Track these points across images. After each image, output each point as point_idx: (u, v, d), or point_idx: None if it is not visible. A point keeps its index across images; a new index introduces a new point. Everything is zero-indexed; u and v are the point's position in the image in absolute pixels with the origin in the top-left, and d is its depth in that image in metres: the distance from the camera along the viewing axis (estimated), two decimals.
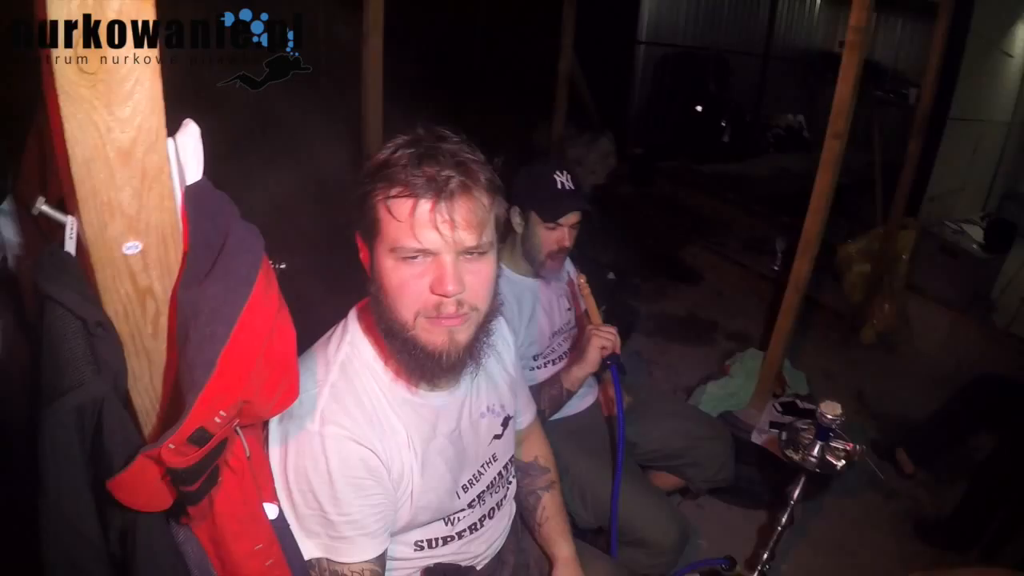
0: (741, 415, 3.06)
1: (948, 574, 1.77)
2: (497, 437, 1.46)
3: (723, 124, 7.52)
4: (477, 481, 1.42)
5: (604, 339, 1.92)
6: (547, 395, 2.01)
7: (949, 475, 3.17)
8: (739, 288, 5.13)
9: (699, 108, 7.26)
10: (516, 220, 2.10)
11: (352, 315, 1.28)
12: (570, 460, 2.11)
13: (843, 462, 1.76)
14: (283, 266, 0.99)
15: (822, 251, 2.83)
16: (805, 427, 1.86)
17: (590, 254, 4.26)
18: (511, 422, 1.51)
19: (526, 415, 1.67)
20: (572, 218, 2.06)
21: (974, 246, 4.59)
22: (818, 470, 1.76)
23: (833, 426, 1.72)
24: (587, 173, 5.22)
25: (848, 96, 2.45)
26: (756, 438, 2.89)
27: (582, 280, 2.07)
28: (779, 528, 1.93)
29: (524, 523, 1.69)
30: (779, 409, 3.05)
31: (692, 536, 2.60)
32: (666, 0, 7.78)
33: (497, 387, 1.48)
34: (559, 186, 2.04)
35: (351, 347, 1.23)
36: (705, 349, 4.20)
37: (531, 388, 2.00)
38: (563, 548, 1.62)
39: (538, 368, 2.17)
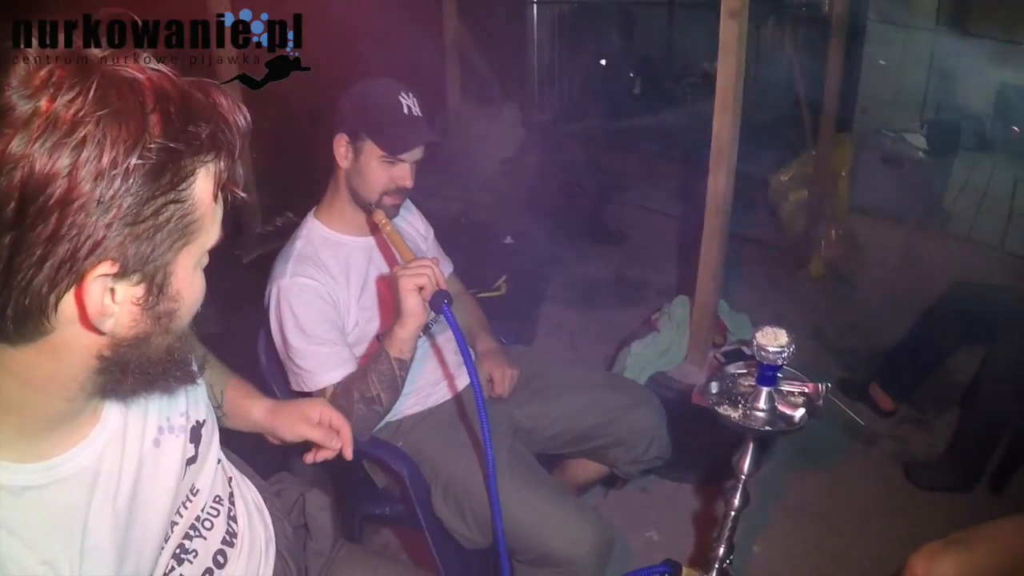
0: (676, 374, 2.54)
1: (981, 532, 1.23)
2: (192, 461, 0.90)
3: (632, 76, 7.04)
4: (171, 534, 0.86)
5: (415, 277, 1.39)
6: (375, 374, 1.45)
7: (934, 405, 2.76)
8: (670, 240, 4.59)
9: (603, 62, 6.81)
10: (341, 152, 1.59)
11: None
12: (438, 461, 1.62)
13: (802, 411, 1.17)
14: None
15: (753, 187, 2.32)
16: (743, 371, 1.28)
17: (477, 218, 3.78)
18: (206, 426, 0.94)
19: None
20: (418, 152, 1.60)
21: (919, 153, 4.11)
22: (768, 428, 1.17)
23: (779, 361, 1.13)
24: (493, 148, 4.99)
25: None
26: (698, 397, 2.35)
27: (378, 215, 1.56)
28: (731, 514, 1.33)
29: None
30: (722, 360, 2.52)
31: (640, 530, 2.22)
32: None
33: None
34: (405, 110, 1.58)
35: None
36: (635, 310, 3.63)
37: (356, 373, 1.53)
38: None
39: None
